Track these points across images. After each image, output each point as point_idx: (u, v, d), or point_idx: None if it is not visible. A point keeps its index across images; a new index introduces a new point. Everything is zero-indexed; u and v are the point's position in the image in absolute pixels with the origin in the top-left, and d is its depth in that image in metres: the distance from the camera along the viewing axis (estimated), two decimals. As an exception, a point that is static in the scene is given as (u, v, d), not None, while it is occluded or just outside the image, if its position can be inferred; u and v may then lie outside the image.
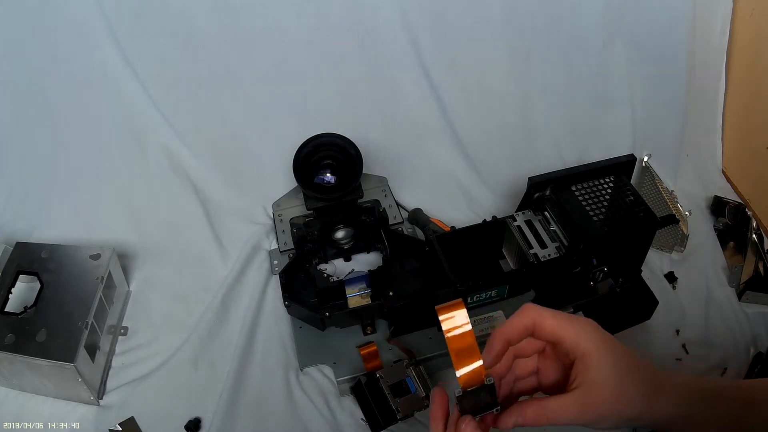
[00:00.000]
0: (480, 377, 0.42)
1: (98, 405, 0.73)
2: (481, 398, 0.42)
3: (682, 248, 0.89)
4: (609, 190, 0.78)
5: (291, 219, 0.91)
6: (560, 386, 0.46)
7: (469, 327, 0.43)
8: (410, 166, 0.99)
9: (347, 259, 0.88)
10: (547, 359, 0.47)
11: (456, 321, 0.43)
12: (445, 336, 0.43)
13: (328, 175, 0.88)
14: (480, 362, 0.42)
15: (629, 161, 0.81)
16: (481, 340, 0.54)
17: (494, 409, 0.42)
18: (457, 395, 0.42)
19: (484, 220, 0.82)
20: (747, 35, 0.98)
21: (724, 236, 0.94)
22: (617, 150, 0.84)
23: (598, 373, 0.42)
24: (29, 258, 0.76)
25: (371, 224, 0.86)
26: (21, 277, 0.76)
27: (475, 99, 1.00)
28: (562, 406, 0.41)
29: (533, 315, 0.44)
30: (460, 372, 0.42)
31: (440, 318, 0.43)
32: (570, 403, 0.41)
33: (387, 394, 0.69)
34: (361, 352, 0.75)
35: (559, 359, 0.46)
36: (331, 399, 0.73)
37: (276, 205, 0.94)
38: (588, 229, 0.73)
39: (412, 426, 0.70)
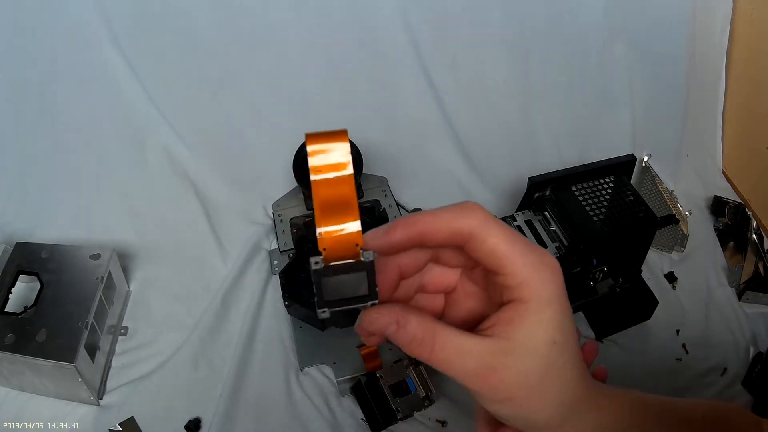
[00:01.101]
0: (353, 247, 0.28)
1: (98, 405, 0.73)
2: (349, 281, 0.28)
3: (682, 248, 0.89)
4: (609, 190, 0.78)
5: (291, 219, 0.91)
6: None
7: (349, 171, 0.28)
8: (410, 166, 0.99)
9: (347, 259, 0.88)
10: (466, 283, 0.32)
11: (332, 158, 0.29)
12: (311, 178, 0.28)
13: (328, 175, 0.88)
14: (357, 224, 0.28)
15: (629, 161, 0.81)
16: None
17: (369, 303, 0.29)
18: (314, 268, 0.28)
19: (484, 220, 0.82)
20: (747, 35, 0.98)
21: (724, 236, 0.94)
22: (617, 150, 0.84)
23: (534, 337, 0.28)
24: (29, 258, 0.76)
25: (371, 224, 0.86)
26: (21, 277, 0.76)
27: (475, 99, 1.00)
28: (467, 349, 0.28)
29: (474, 223, 0.28)
30: (324, 229, 0.28)
31: (308, 149, 0.29)
32: (479, 352, 0.28)
33: (387, 394, 0.69)
34: (361, 352, 0.75)
35: (483, 289, 0.32)
36: (331, 399, 0.73)
37: (276, 205, 0.94)
38: (588, 229, 0.73)
39: (413, 426, 0.70)
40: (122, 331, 0.81)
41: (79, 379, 0.68)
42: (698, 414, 0.33)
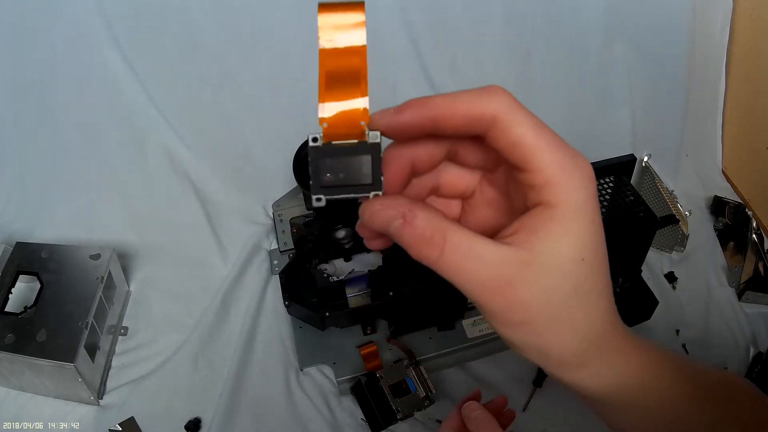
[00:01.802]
0: (357, 125, 0.25)
1: (98, 405, 0.73)
2: (351, 164, 0.25)
3: (682, 248, 0.89)
4: (609, 190, 0.78)
5: (291, 219, 0.91)
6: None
7: (362, 42, 0.26)
8: (410, 166, 0.99)
9: (347, 259, 0.88)
10: (486, 188, 0.29)
11: (344, 26, 0.27)
12: (319, 45, 0.27)
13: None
14: (365, 100, 0.25)
15: (629, 161, 0.81)
16: (479, 341, 0.54)
17: (371, 193, 0.25)
18: (311, 145, 0.27)
19: (484, 220, 0.82)
20: (747, 35, 0.98)
21: (724, 236, 0.94)
22: (617, 150, 0.84)
23: (559, 250, 0.24)
24: (29, 258, 0.76)
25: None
26: (21, 277, 0.76)
27: (475, 99, 0.99)
28: (481, 254, 0.24)
29: (498, 107, 0.25)
30: (327, 107, 0.27)
31: (320, 17, 0.28)
32: (495, 260, 0.24)
33: (387, 394, 0.69)
34: (361, 352, 0.75)
35: (504, 196, 0.28)
36: (331, 399, 0.73)
37: (276, 205, 0.94)
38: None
39: (413, 426, 0.70)
40: (122, 331, 0.81)
41: (79, 379, 0.68)
42: (712, 378, 0.31)
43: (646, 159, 0.95)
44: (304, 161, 0.85)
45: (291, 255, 0.87)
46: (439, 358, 0.76)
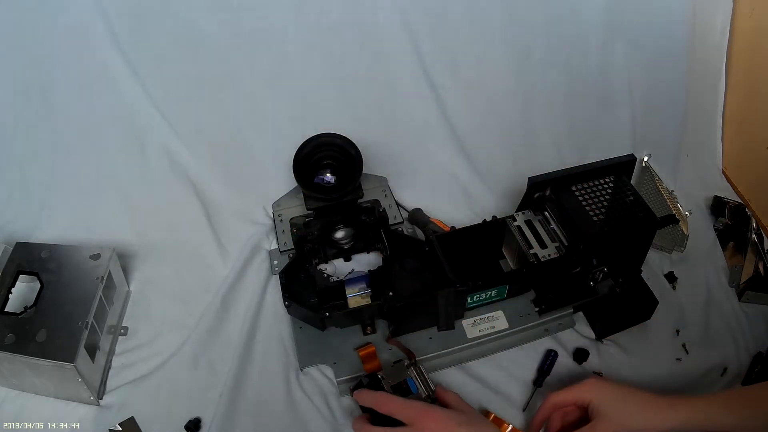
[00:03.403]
0: None
1: (98, 405, 0.73)
2: None
3: (682, 248, 0.89)
4: (609, 190, 0.78)
5: (291, 219, 0.91)
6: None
7: None
8: (410, 166, 0.99)
9: (347, 259, 0.88)
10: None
11: None
12: None
13: (328, 175, 0.88)
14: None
15: (629, 161, 0.81)
16: (479, 341, 0.54)
17: None
18: None
19: (484, 220, 0.82)
20: (747, 35, 0.98)
21: (724, 236, 0.94)
22: (617, 150, 0.84)
23: (602, 407, 0.62)
24: (29, 258, 0.76)
25: (371, 224, 0.86)
26: (21, 277, 0.76)
27: (475, 99, 1.00)
28: None
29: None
30: None
31: None
32: (590, 428, 0.61)
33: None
34: (360, 354, 0.75)
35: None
36: (331, 399, 0.73)
37: (276, 205, 0.94)
38: (588, 229, 0.73)
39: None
40: (122, 331, 0.81)
41: (79, 379, 0.68)
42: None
43: (646, 159, 0.95)
44: (303, 165, 0.85)
45: (291, 255, 0.87)
46: (439, 358, 0.76)
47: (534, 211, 0.83)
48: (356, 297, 0.77)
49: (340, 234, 0.87)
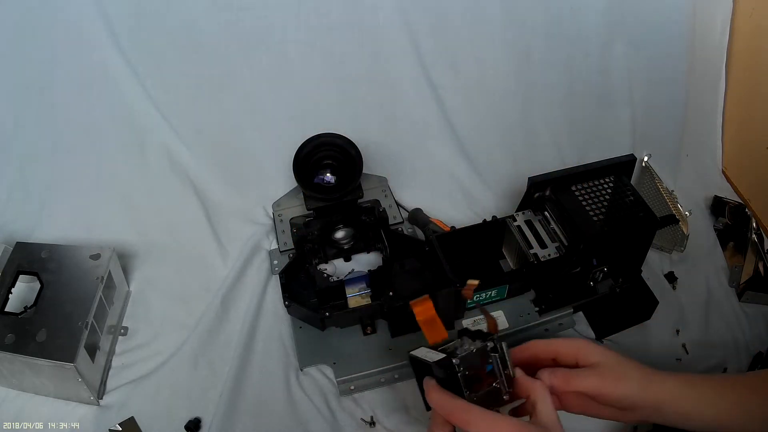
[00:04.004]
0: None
1: (98, 405, 0.73)
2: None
3: (682, 248, 0.89)
4: (609, 190, 0.78)
5: (291, 219, 0.91)
6: None
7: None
8: (410, 166, 0.99)
9: (347, 259, 0.88)
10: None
11: None
12: None
13: (328, 175, 0.88)
14: None
15: (629, 161, 0.81)
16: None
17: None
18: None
19: (484, 220, 0.82)
20: (747, 35, 0.98)
21: (724, 236, 0.94)
22: (617, 150, 0.84)
23: (600, 357, 0.55)
24: (29, 258, 0.76)
25: (371, 224, 0.86)
26: (21, 277, 0.76)
27: (475, 99, 1.00)
28: (585, 376, 0.53)
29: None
30: None
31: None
32: (588, 374, 0.53)
33: (462, 386, 0.51)
34: (417, 317, 0.67)
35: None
36: (331, 399, 0.73)
37: (276, 205, 0.94)
38: (588, 229, 0.73)
39: (412, 426, 0.70)
40: (122, 331, 0.81)
41: (79, 379, 0.68)
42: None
43: (646, 159, 0.95)
44: (303, 165, 0.85)
45: (291, 255, 0.87)
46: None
47: (534, 211, 0.83)
48: (356, 297, 0.77)
49: (340, 234, 0.87)
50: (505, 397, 0.51)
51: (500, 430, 0.46)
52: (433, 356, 0.54)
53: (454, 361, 0.50)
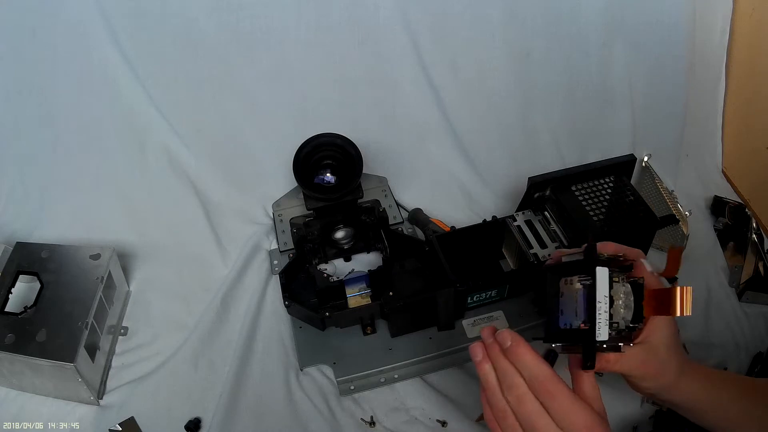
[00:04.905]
0: None
1: (98, 405, 0.73)
2: None
3: (682, 248, 0.89)
4: (609, 190, 0.78)
5: (291, 219, 0.91)
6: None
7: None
8: (410, 166, 0.99)
9: (347, 259, 0.88)
10: None
11: None
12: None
13: (328, 175, 0.88)
14: None
15: (629, 161, 0.81)
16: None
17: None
18: None
19: (484, 220, 0.82)
20: (747, 35, 0.98)
21: (724, 236, 0.94)
22: (617, 150, 0.84)
23: (661, 338, 0.51)
24: (29, 258, 0.76)
25: (371, 224, 0.86)
26: (21, 277, 0.76)
27: (475, 99, 1.00)
28: (627, 355, 0.49)
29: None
30: None
31: None
32: (633, 354, 0.50)
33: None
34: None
35: None
36: (331, 399, 0.73)
37: (276, 205, 0.94)
38: (588, 229, 0.73)
39: (412, 426, 0.70)
40: (122, 331, 0.81)
41: (79, 379, 0.68)
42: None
43: (646, 159, 0.95)
44: (303, 165, 0.85)
45: (291, 255, 0.87)
46: (439, 358, 0.76)
47: (534, 211, 0.83)
48: (356, 297, 0.77)
49: (340, 234, 0.87)
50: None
51: (577, 418, 0.46)
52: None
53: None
